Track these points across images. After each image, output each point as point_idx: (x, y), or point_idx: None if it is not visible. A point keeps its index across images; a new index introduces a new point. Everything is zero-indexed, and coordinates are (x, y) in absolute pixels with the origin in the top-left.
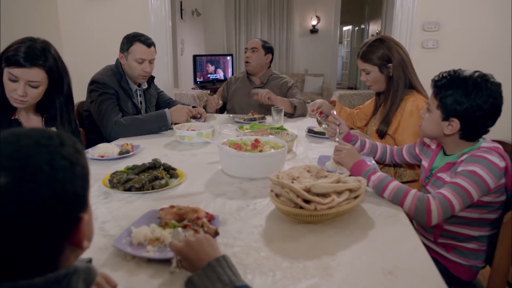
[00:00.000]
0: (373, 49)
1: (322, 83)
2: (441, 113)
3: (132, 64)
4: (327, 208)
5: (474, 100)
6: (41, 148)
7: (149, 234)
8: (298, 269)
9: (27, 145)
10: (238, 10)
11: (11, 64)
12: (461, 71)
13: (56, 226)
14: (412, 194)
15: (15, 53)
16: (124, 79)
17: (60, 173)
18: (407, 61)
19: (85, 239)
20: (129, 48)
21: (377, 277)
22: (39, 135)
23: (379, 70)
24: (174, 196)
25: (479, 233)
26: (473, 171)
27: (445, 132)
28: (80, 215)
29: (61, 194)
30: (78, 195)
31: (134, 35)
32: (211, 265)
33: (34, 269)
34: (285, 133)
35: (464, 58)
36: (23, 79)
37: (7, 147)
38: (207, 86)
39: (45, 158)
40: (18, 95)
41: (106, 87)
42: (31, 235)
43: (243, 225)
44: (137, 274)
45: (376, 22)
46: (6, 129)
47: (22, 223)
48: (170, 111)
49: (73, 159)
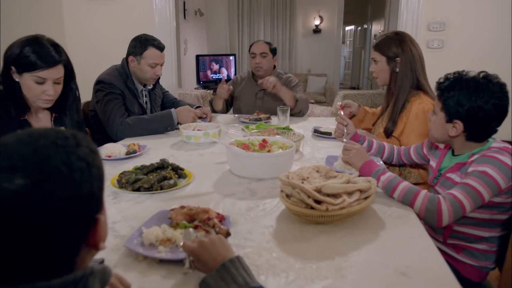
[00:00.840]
0: (386, 40)
1: (325, 83)
2: (444, 115)
3: (145, 68)
4: (338, 208)
5: (475, 101)
6: (58, 149)
7: (161, 234)
8: (311, 270)
9: (44, 146)
10: (241, 10)
11: (35, 68)
12: (465, 73)
13: (73, 227)
14: (422, 194)
15: (32, 59)
16: (130, 79)
17: (78, 174)
18: (418, 61)
19: (102, 240)
20: (143, 52)
21: (390, 278)
22: (55, 136)
23: (387, 61)
24: (183, 196)
25: (490, 234)
26: (484, 171)
27: (450, 134)
28: (96, 216)
29: (78, 195)
30: (95, 196)
31: (147, 39)
32: (225, 266)
33: (51, 270)
34: (292, 133)
35: (469, 58)
36: (51, 78)
37: (24, 148)
38: (210, 86)
39: (63, 158)
40: (48, 95)
41: (112, 87)
42: (48, 237)
43: (253, 225)
44: (150, 274)
45: (379, 22)
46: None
47: (40, 224)
48: (176, 111)
49: (89, 160)
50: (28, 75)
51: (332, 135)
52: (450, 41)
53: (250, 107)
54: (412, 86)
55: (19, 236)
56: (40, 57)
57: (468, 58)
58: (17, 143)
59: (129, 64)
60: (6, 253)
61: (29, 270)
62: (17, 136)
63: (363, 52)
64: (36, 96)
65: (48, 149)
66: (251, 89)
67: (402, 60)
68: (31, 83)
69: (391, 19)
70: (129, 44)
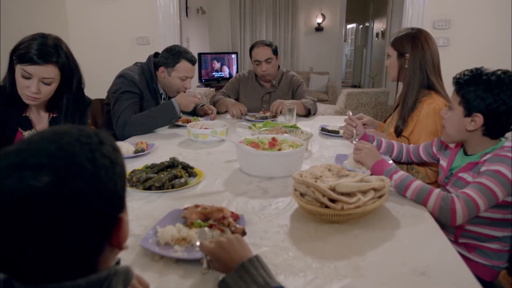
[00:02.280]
0: (402, 35)
1: (327, 81)
2: (463, 109)
3: (175, 81)
4: (354, 207)
5: (498, 95)
6: (83, 147)
7: (176, 233)
8: (329, 269)
9: (68, 144)
10: (243, 8)
11: (25, 61)
12: (483, 69)
13: (97, 226)
14: (435, 194)
15: (27, 50)
16: (155, 81)
17: (102, 172)
18: (429, 60)
19: (125, 240)
20: (175, 65)
21: (409, 278)
22: (78, 133)
23: (397, 57)
24: (194, 195)
25: (503, 233)
26: (497, 170)
27: (467, 129)
28: (120, 215)
29: (103, 193)
30: (118, 194)
31: (180, 52)
32: (244, 266)
33: (75, 269)
34: (300, 131)
35: (475, 56)
36: (37, 76)
37: (49, 145)
38: (212, 84)
39: (88, 156)
40: (31, 92)
41: (131, 85)
42: (73, 235)
43: (268, 224)
44: (167, 274)
45: (381, 20)
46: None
47: (65, 222)
48: (176, 100)
49: (113, 158)
50: (18, 67)
51: (340, 134)
52: (455, 39)
53: (256, 110)
54: (422, 85)
55: (46, 234)
56: (33, 51)
57: (473, 56)
58: (42, 141)
59: (158, 72)
60: (33, 252)
61: (54, 269)
62: (41, 134)
63: (365, 50)
64: (20, 90)
65: (73, 147)
66: (256, 92)
67: (411, 57)
68: (18, 76)
69: (393, 17)
70: (161, 54)
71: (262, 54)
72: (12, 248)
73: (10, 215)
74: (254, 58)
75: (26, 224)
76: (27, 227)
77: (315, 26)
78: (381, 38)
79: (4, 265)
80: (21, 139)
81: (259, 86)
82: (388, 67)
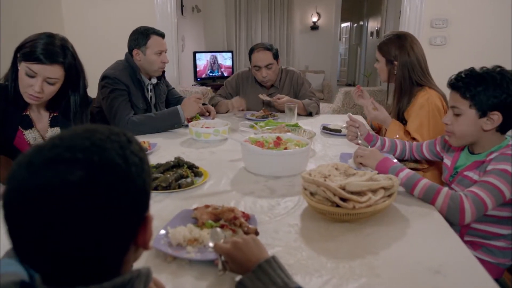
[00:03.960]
0: (388, 41)
1: (323, 80)
2: (476, 111)
3: (152, 57)
4: (365, 206)
5: (507, 88)
6: (114, 144)
7: (188, 234)
8: (344, 269)
9: (101, 140)
10: (238, 6)
11: (31, 59)
12: (477, 68)
13: (126, 224)
14: (444, 192)
15: (34, 49)
16: (138, 72)
17: (133, 168)
18: (416, 64)
19: (150, 239)
20: (147, 42)
21: (425, 277)
22: (108, 131)
23: (386, 63)
24: (201, 195)
25: (508, 231)
26: (504, 169)
27: (485, 128)
28: (146, 214)
29: (133, 190)
30: (146, 192)
31: (147, 29)
32: (262, 267)
33: (100, 270)
34: (302, 130)
35: (472, 55)
36: (42, 75)
37: (82, 141)
38: (208, 83)
39: (119, 152)
40: (34, 91)
41: (117, 82)
42: (103, 233)
43: (278, 224)
44: (182, 275)
45: (376, 19)
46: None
47: (96, 218)
48: (181, 107)
49: (141, 156)
50: (23, 64)
51: (342, 133)
52: (452, 38)
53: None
54: (414, 86)
55: (77, 229)
56: (39, 50)
57: (470, 55)
58: (75, 137)
59: (133, 58)
60: (63, 247)
61: (81, 267)
62: (72, 131)
63: (359, 49)
64: (23, 88)
65: (105, 143)
66: (257, 93)
67: (399, 64)
68: (22, 74)
69: (388, 15)
70: (129, 38)
71: (262, 60)
72: (45, 242)
73: (44, 209)
74: (254, 63)
75: (60, 218)
76: (61, 221)
77: (311, 25)
78: (376, 36)
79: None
80: (52, 136)
81: (259, 88)
82: (378, 70)
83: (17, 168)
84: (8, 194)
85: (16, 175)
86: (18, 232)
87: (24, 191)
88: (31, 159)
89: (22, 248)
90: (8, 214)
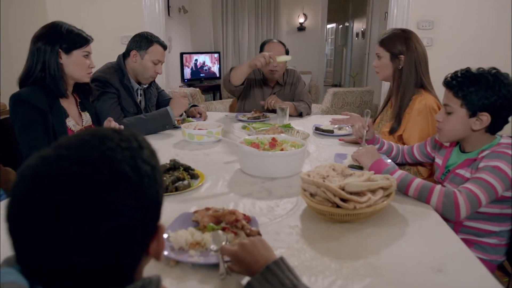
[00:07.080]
0: (392, 36)
1: (310, 81)
2: (466, 111)
3: (148, 64)
4: (365, 206)
5: (499, 91)
6: (124, 153)
7: (189, 238)
8: (348, 269)
9: (110, 149)
10: (225, 7)
11: (85, 43)
12: (472, 69)
13: (137, 236)
14: (437, 190)
15: (78, 35)
16: (127, 77)
17: (146, 180)
18: (423, 60)
19: (163, 249)
20: (149, 48)
21: (428, 276)
22: (118, 138)
23: (390, 58)
24: (199, 197)
25: (500, 228)
26: (496, 166)
27: (474, 128)
28: (158, 224)
29: (145, 203)
30: (158, 202)
31: (152, 35)
32: (270, 269)
33: (114, 279)
34: (295, 131)
35: (458, 56)
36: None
37: (90, 152)
38: (195, 84)
39: (130, 164)
40: (92, 67)
41: (107, 85)
42: (116, 246)
43: (278, 226)
44: (186, 280)
45: (361, 20)
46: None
47: (105, 234)
48: (170, 106)
49: (153, 163)
50: (78, 52)
51: (334, 133)
52: (438, 39)
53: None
54: (416, 85)
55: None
56: (82, 33)
57: (456, 56)
58: (83, 146)
59: (129, 59)
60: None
61: (96, 279)
62: (79, 137)
63: (345, 50)
64: (85, 70)
65: (115, 153)
66: (264, 95)
67: (406, 58)
68: (81, 59)
69: (373, 17)
70: (132, 39)
71: (276, 50)
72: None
73: (49, 225)
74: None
75: (67, 234)
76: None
77: (297, 26)
78: (362, 38)
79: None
80: (57, 142)
81: (265, 87)
82: (378, 68)
83: (20, 181)
84: (11, 207)
85: (20, 188)
86: (24, 248)
87: (29, 206)
88: (36, 170)
89: (29, 263)
90: (13, 228)
